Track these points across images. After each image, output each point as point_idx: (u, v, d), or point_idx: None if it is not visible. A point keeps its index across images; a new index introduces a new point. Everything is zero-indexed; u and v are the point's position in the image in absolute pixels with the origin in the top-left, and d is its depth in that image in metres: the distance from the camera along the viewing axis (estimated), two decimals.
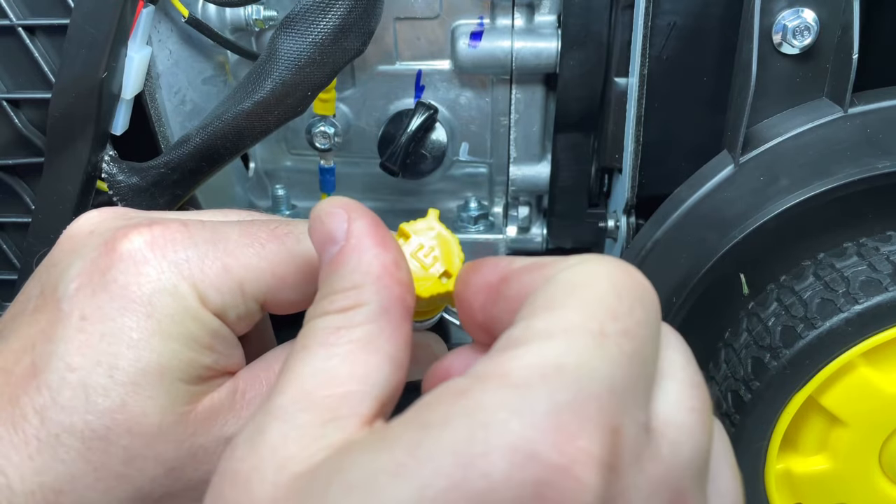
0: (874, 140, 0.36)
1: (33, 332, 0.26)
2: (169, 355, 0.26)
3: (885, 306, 0.33)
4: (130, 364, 0.25)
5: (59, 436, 0.24)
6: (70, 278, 0.26)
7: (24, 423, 0.25)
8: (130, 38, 0.37)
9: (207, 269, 0.27)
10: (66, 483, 0.25)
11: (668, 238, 0.38)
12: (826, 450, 0.37)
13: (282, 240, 0.28)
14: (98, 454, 0.25)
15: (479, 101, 0.47)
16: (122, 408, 0.25)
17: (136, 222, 0.27)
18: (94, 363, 0.25)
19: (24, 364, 0.25)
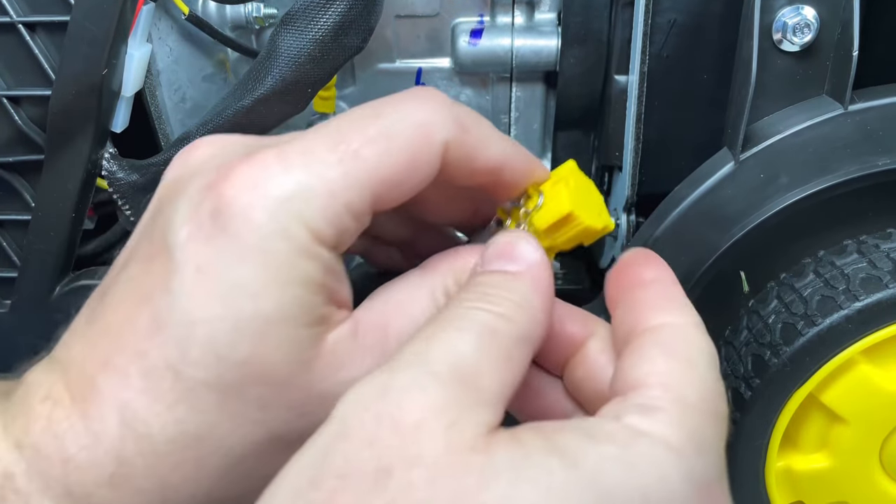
0: (874, 137, 0.36)
1: (150, 282, 0.26)
2: (289, 302, 0.25)
3: (885, 303, 0.33)
4: (253, 316, 0.25)
5: (195, 389, 0.25)
6: (178, 226, 0.26)
7: (158, 376, 0.25)
8: (131, 35, 0.37)
9: (313, 200, 0.26)
10: (205, 430, 0.25)
11: (668, 236, 0.38)
12: (826, 447, 0.37)
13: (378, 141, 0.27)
14: (233, 404, 0.25)
15: (479, 99, 0.47)
16: (251, 359, 0.25)
17: (236, 159, 0.26)
18: (219, 318, 0.25)
19: (145, 317, 0.25)
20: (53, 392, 0.26)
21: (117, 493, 0.25)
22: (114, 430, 0.25)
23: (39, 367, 0.27)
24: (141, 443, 0.25)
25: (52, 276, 0.40)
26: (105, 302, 0.27)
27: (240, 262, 0.25)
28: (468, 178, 0.29)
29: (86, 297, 0.40)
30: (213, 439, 0.25)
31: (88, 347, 0.26)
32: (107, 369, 0.25)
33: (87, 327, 0.27)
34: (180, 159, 0.28)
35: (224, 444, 0.26)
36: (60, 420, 0.25)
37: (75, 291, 0.40)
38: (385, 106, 0.28)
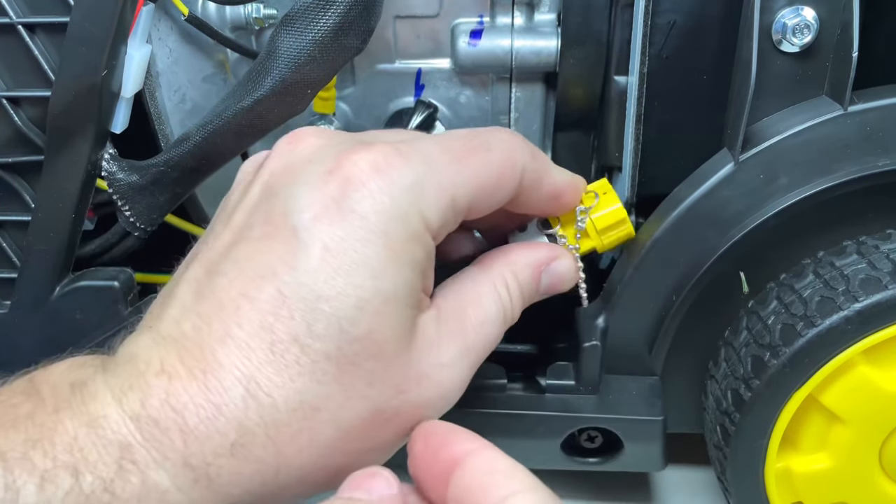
0: (874, 138, 0.36)
1: (271, 259, 0.27)
2: (402, 283, 0.28)
3: (884, 304, 0.33)
4: (374, 295, 0.27)
5: (317, 362, 0.27)
6: (302, 207, 0.28)
7: (283, 349, 0.26)
8: (130, 36, 0.37)
9: (427, 191, 0.29)
10: (322, 402, 0.27)
11: (667, 236, 0.38)
12: (826, 448, 0.37)
13: (478, 152, 0.31)
14: (348, 377, 0.27)
15: (479, 99, 0.47)
16: (368, 336, 0.27)
17: (355, 148, 0.29)
18: (344, 294, 0.27)
19: (268, 292, 0.27)
20: (167, 366, 0.27)
21: (235, 462, 0.26)
22: (237, 400, 0.26)
23: (143, 343, 0.28)
24: (264, 412, 0.26)
25: (51, 277, 0.40)
26: (215, 280, 0.28)
27: (365, 244, 0.27)
28: (534, 203, 0.34)
29: (86, 298, 0.40)
30: (327, 411, 0.27)
31: (203, 323, 0.27)
32: (227, 343, 0.27)
33: (198, 304, 0.28)
34: (286, 147, 0.31)
35: (336, 416, 0.27)
36: (179, 393, 0.26)
37: (75, 292, 0.40)
38: (479, 130, 0.33)
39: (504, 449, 0.41)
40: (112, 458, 0.25)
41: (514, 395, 0.41)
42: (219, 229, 0.31)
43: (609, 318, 0.40)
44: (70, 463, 0.25)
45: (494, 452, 0.26)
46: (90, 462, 0.25)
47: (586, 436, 0.41)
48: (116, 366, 0.28)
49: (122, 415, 0.26)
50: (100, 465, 0.25)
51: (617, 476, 0.45)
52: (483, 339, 0.32)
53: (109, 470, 0.25)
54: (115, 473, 0.25)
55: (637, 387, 0.41)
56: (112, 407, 0.26)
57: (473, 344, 0.31)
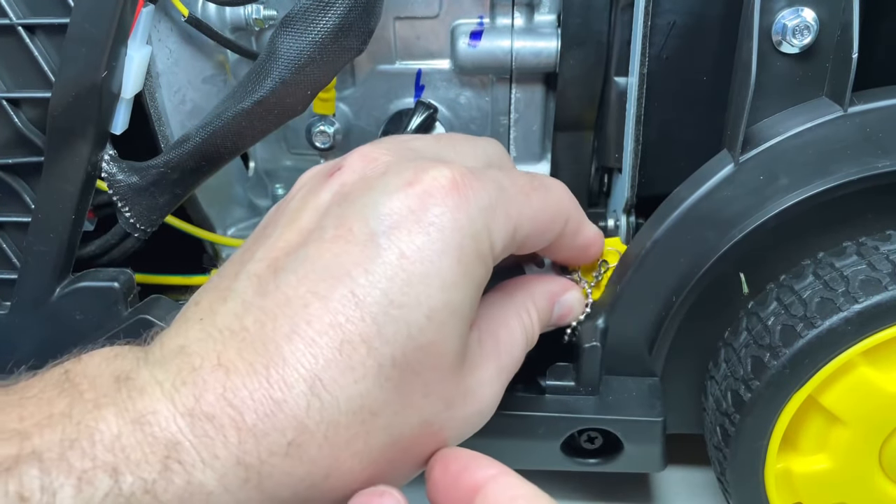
0: (874, 139, 0.36)
1: (346, 262, 0.27)
2: (466, 299, 0.29)
3: (884, 305, 0.33)
4: (443, 306, 0.28)
5: (383, 366, 0.26)
6: (382, 215, 0.28)
7: (351, 349, 0.26)
8: (130, 37, 0.37)
9: (497, 215, 0.30)
10: (381, 407, 0.27)
11: (667, 237, 0.38)
12: (826, 449, 0.37)
13: (539, 191, 0.33)
14: (408, 385, 0.27)
15: (478, 100, 0.47)
16: (431, 346, 0.28)
17: (431, 163, 0.30)
18: (416, 303, 0.27)
19: (341, 292, 0.27)
20: (224, 360, 0.26)
21: (289, 463, 0.25)
22: (299, 398, 0.25)
23: (194, 335, 0.27)
24: (325, 412, 0.26)
25: (52, 278, 0.40)
26: (280, 276, 0.28)
27: (442, 256, 0.28)
28: (567, 249, 0.36)
29: (86, 299, 0.40)
30: (384, 417, 0.27)
31: (267, 318, 0.27)
32: (293, 339, 0.26)
33: (261, 298, 0.27)
34: (359, 162, 0.31)
35: (391, 423, 0.27)
36: (238, 388, 0.25)
37: (75, 293, 0.40)
38: (539, 174, 0.35)
39: (504, 449, 0.41)
40: (157, 457, 0.24)
41: (515, 395, 0.41)
42: (281, 230, 0.30)
43: (609, 319, 0.40)
44: (110, 463, 0.24)
45: (516, 478, 0.26)
46: (132, 461, 0.24)
47: (586, 436, 0.41)
48: (164, 359, 0.27)
49: (173, 411, 0.25)
50: (143, 465, 0.24)
51: (617, 477, 0.45)
52: (512, 360, 0.33)
53: (153, 470, 0.24)
54: (158, 474, 0.24)
55: (637, 388, 0.41)
56: (162, 403, 0.25)
57: (506, 364, 0.33)
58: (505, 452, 0.41)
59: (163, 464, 0.24)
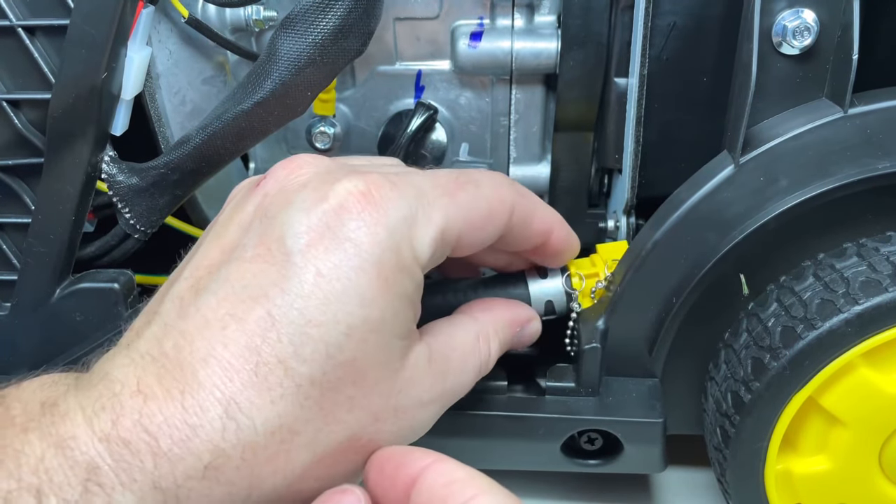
0: (874, 140, 0.36)
1: (262, 282, 0.27)
2: (390, 313, 0.28)
3: (885, 307, 0.33)
4: (362, 322, 0.27)
5: (301, 386, 0.27)
6: (298, 233, 0.28)
7: (267, 371, 0.26)
8: (130, 38, 0.37)
9: (419, 224, 0.29)
10: (301, 426, 0.27)
11: (667, 239, 0.38)
12: (826, 450, 0.37)
13: (467, 188, 0.32)
14: (329, 402, 0.27)
15: (479, 101, 0.47)
16: (353, 363, 0.27)
17: (347, 175, 0.29)
18: (333, 321, 0.27)
19: (257, 314, 0.27)
20: (143, 386, 0.26)
21: (206, 485, 0.26)
22: (214, 421, 0.26)
23: (119, 361, 0.28)
24: (241, 434, 0.26)
25: (51, 279, 0.40)
26: (201, 297, 0.28)
27: (359, 273, 0.27)
28: (525, 239, 0.36)
29: (86, 300, 0.40)
30: (305, 434, 0.27)
31: (185, 342, 0.27)
32: (209, 363, 0.26)
33: (181, 321, 0.28)
34: (282, 172, 0.31)
35: (313, 440, 0.27)
36: (154, 414, 0.26)
37: (75, 294, 0.40)
38: (467, 170, 0.34)
39: (504, 451, 0.41)
40: (78, 479, 0.25)
41: (515, 397, 0.41)
42: (207, 247, 0.30)
43: (609, 320, 0.40)
44: (34, 485, 0.24)
45: (450, 463, 0.26)
46: (55, 483, 0.24)
47: (586, 438, 0.41)
48: (90, 385, 0.27)
49: (91, 436, 0.25)
50: (65, 487, 0.24)
51: (617, 478, 0.45)
52: (459, 387, 0.33)
53: (74, 492, 0.24)
54: (79, 496, 0.24)
55: (637, 389, 0.41)
56: (82, 427, 0.26)
57: (451, 389, 0.32)
58: (505, 453, 0.41)
59: (83, 486, 0.25)
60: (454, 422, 0.38)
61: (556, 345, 0.42)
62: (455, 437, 0.41)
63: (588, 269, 0.41)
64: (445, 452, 0.41)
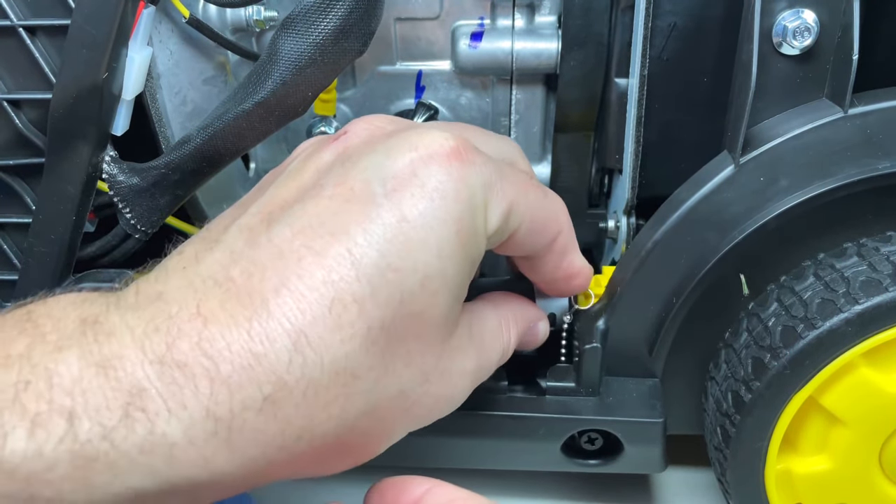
0: (874, 140, 0.36)
1: (345, 220, 0.26)
2: (461, 273, 0.28)
3: (885, 306, 0.33)
4: (437, 275, 0.27)
5: (371, 329, 0.26)
6: (384, 176, 0.27)
7: (342, 308, 0.25)
8: (131, 38, 0.37)
9: (495, 193, 0.29)
10: (364, 371, 0.26)
11: (668, 239, 0.38)
12: (826, 450, 0.37)
13: (538, 190, 0.32)
14: (392, 351, 0.27)
15: (479, 101, 0.47)
16: (421, 314, 0.27)
17: (434, 128, 0.29)
18: (412, 269, 0.26)
19: (337, 250, 0.26)
20: (204, 310, 0.25)
21: (263, 419, 0.24)
22: (281, 352, 0.24)
23: (175, 283, 0.26)
24: (307, 370, 0.25)
25: (52, 279, 0.40)
26: (274, 228, 0.27)
27: (442, 225, 0.27)
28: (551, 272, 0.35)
29: None
30: (366, 381, 0.26)
31: (256, 270, 0.25)
32: (281, 292, 0.25)
33: (251, 250, 0.26)
34: (362, 125, 0.31)
35: (370, 388, 0.26)
36: (215, 338, 0.24)
37: None
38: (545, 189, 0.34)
39: (505, 451, 0.41)
40: (119, 403, 0.23)
41: (515, 397, 0.41)
42: (279, 186, 0.29)
43: (609, 320, 0.40)
44: (67, 407, 0.22)
45: (449, 487, 0.26)
46: (91, 406, 0.22)
47: (586, 438, 0.41)
48: (138, 306, 0.25)
49: (141, 357, 0.23)
50: (102, 411, 0.22)
51: (617, 478, 0.45)
52: (488, 365, 0.33)
53: (113, 416, 0.22)
54: (118, 421, 0.23)
55: (637, 389, 0.41)
56: (131, 348, 0.24)
57: (482, 366, 0.32)
58: (505, 453, 0.41)
59: (124, 410, 0.23)
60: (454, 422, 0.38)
61: (555, 345, 0.42)
62: (455, 437, 0.41)
63: (595, 289, 0.40)
64: (446, 452, 0.41)
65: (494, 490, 0.48)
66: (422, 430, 0.32)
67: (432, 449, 0.41)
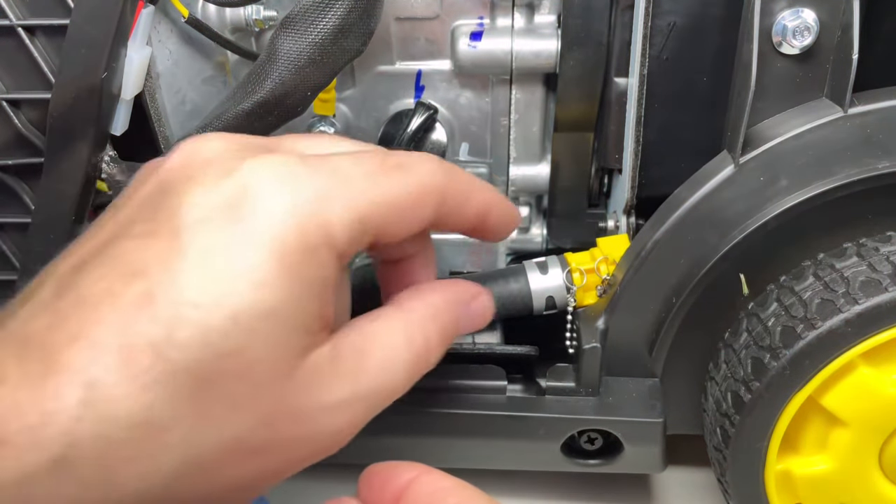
0: (874, 140, 0.36)
1: (146, 257, 0.24)
2: (290, 300, 0.25)
3: (884, 306, 0.33)
4: (252, 307, 0.24)
5: (174, 374, 0.23)
6: (190, 207, 0.25)
7: (137, 355, 0.23)
8: (130, 38, 0.37)
9: (333, 206, 0.26)
10: (170, 421, 0.24)
11: (667, 238, 0.38)
12: (826, 450, 0.37)
13: (395, 172, 0.29)
14: (207, 397, 0.24)
15: (478, 101, 0.47)
16: (238, 353, 0.24)
17: (254, 152, 0.27)
18: (216, 303, 0.24)
19: (135, 291, 0.24)
20: (2, 370, 0.23)
21: (54, 482, 0.22)
22: (71, 409, 0.22)
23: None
24: (100, 425, 0.23)
25: None
26: (81, 275, 0.25)
27: (251, 251, 0.24)
28: (460, 223, 0.32)
29: None
30: (176, 432, 0.24)
31: (57, 320, 0.24)
32: (77, 342, 0.23)
33: (56, 300, 0.25)
34: (189, 147, 0.28)
35: (186, 440, 0.24)
36: (4, 397, 0.22)
37: None
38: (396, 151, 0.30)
39: (504, 451, 0.41)
40: None
41: (515, 396, 0.41)
42: (98, 226, 0.27)
43: (609, 320, 0.40)
44: None
45: (436, 474, 0.24)
46: None
47: (586, 437, 0.41)
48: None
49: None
50: None
51: (617, 478, 0.45)
52: (382, 388, 0.29)
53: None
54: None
55: (637, 388, 0.41)
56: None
57: (368, 390, 0.28)
58: (505, 453, 0.41)
59: None
60: (454, 422, 0.38)
61: (556, 345, 0.42)
62: (455, 436, 0.41)
63: (588, 264, 0.41)
64: (445, 452, 0.41)
65: (494, 490, 0.48)
66: (422, 430, 0.32)
67: (432, 449, 0.41)
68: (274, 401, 0.25)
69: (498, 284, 0.39)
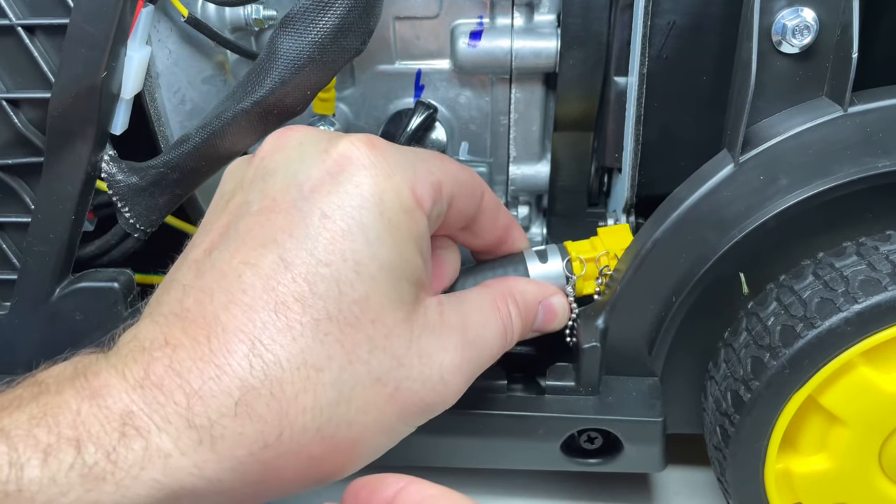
0: (874, 139, 0.36)
1: (272, 230, 0.29)
2: (397, 253, 0.29)
3: (884, 306, 0.33)
4: (370, 259, 0.29)
5: (319, 322, 0.28)
6: (301, 181, 0.29)
7: (286, 310, 0.27)
8: (130, 37, 0.37)
9: (418, 171, 0.31)
10: (324, 362, 0.28)
11: (667, 237, 0.38)
12: (825, 449, 0.37)
13: (452, 161, 0.34)
14: (350, 340, 0.28)
15: (478, 100, 0.47)
16: (366, 300, 0.28)
17: (345, 134, 0.31)
18: (342, 259, 0.28)
19: (270, 259, 0.28)
20: (171, 339, 0.28)
21: (239, 422, 0.27)
22: (241, 360, 0.27)
23: (144, 326, 0.29)
24: (268, 370, 0.27)
25: (51, 278, 0.40)
26: (214, 255, 0.29)
27: (361, 211, 0.29)
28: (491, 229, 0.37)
29: (86, 299, 0.40)
30: (329, 371, 0.28)
31: (205, 295, 0.28)
32: (230, 308, 0.28)
33: (199, 280, 0.29)
34: (276, 137, 0.32)
35: (338, 379, 0.28)
36: (183, 359, 0.27)
37: (75, 293, 0.40)
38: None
39: (504, 450, 0.41)
40: (113, 426, 0.26)
41: (514, 396, 0.41)
42: (213, 215, 0.32)
43: (609, 319, 0.40)
44: (73, 437, 0.25)
45: (423, 484, 0.26)
46: (92, 434, 0.25)
47: (586, 437, 0.41)
48: (118, 349, 0.29)
49: (125, 385, 0.27)
50: (102, 436, 0.25)
51: (617, 477, 0.45)
52: (483, 342, 0.33)
53: (111, 439, 0.25)
54: (117, 442, 0.25)
55: (637, 388, 0.41)
56: (115, 379, 0.27)
57: (474, 341, 0.33)
58: (505, 453, 0.41)
59: (120, 432, 0.26)
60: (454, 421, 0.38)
61: (555, 344, 0.42)
62: (455, 436, 0.41)
63: (588, 253, 0.41)
64: (446, 452, 0.41)
65: (494, 490, 0.48)
66: (421, 429, 0.32)
67: (432, 449, 0.41)
68: (402, 342, 0.29)
69: (497, 273, 0.39)
